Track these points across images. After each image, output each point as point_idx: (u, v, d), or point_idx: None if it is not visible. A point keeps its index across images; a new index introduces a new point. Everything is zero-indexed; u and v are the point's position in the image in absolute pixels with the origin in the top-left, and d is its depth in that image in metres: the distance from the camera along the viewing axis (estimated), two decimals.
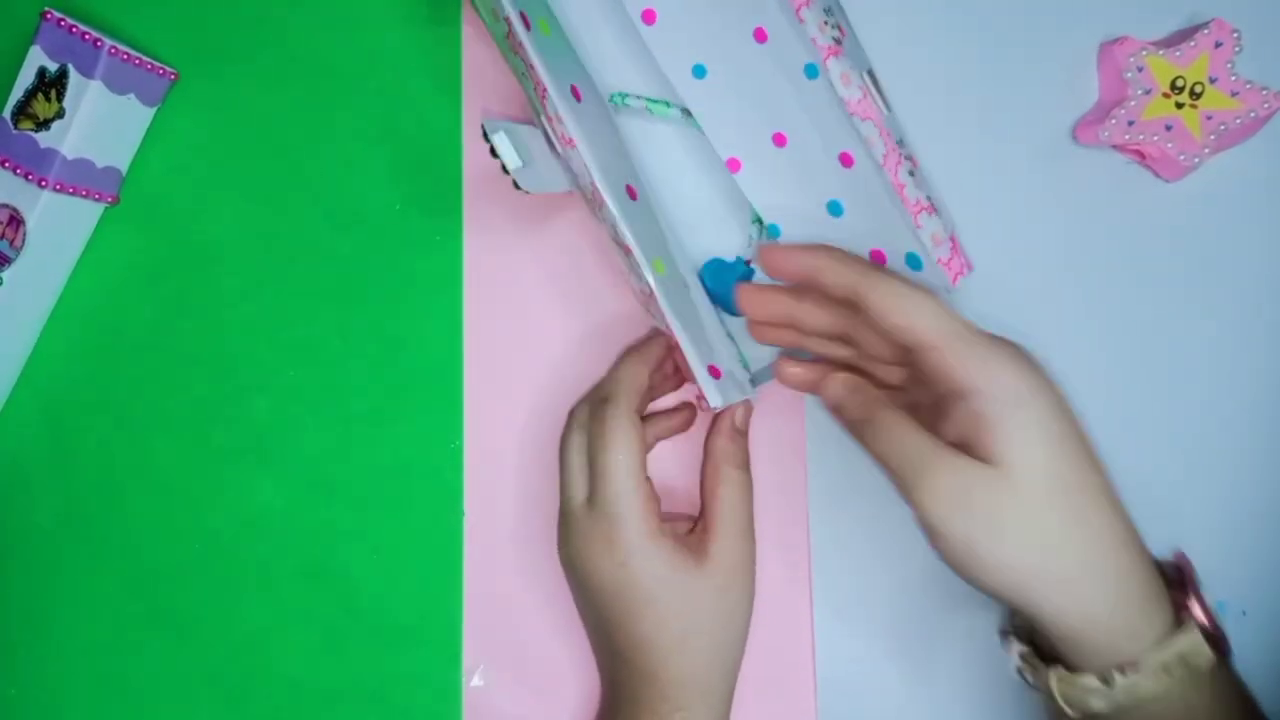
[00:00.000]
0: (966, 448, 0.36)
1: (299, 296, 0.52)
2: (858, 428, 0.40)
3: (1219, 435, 0.49)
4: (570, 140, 0.42)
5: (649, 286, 0.42)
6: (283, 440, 0.52)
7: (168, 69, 0.51)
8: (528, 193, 0.41)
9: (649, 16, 0.47)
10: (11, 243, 0.49)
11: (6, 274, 0.49)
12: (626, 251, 0.43)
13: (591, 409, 0.45)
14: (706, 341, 0.44)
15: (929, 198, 0.43)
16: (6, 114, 0.49)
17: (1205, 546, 0.48)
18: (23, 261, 0.49)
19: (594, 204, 0.44)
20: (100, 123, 0.49)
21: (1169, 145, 0.47)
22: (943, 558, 0.38)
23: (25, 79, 0.48)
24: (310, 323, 0.52)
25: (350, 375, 0.52)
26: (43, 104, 0.48)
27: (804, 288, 0.42)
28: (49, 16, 0.48)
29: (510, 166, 0.41)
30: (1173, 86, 0.47)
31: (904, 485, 0.37)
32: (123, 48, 0.49)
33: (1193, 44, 0.47)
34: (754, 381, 0.47)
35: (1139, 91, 0.47)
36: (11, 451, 0.52)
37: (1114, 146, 0.49)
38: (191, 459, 0.52)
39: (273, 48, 0.53)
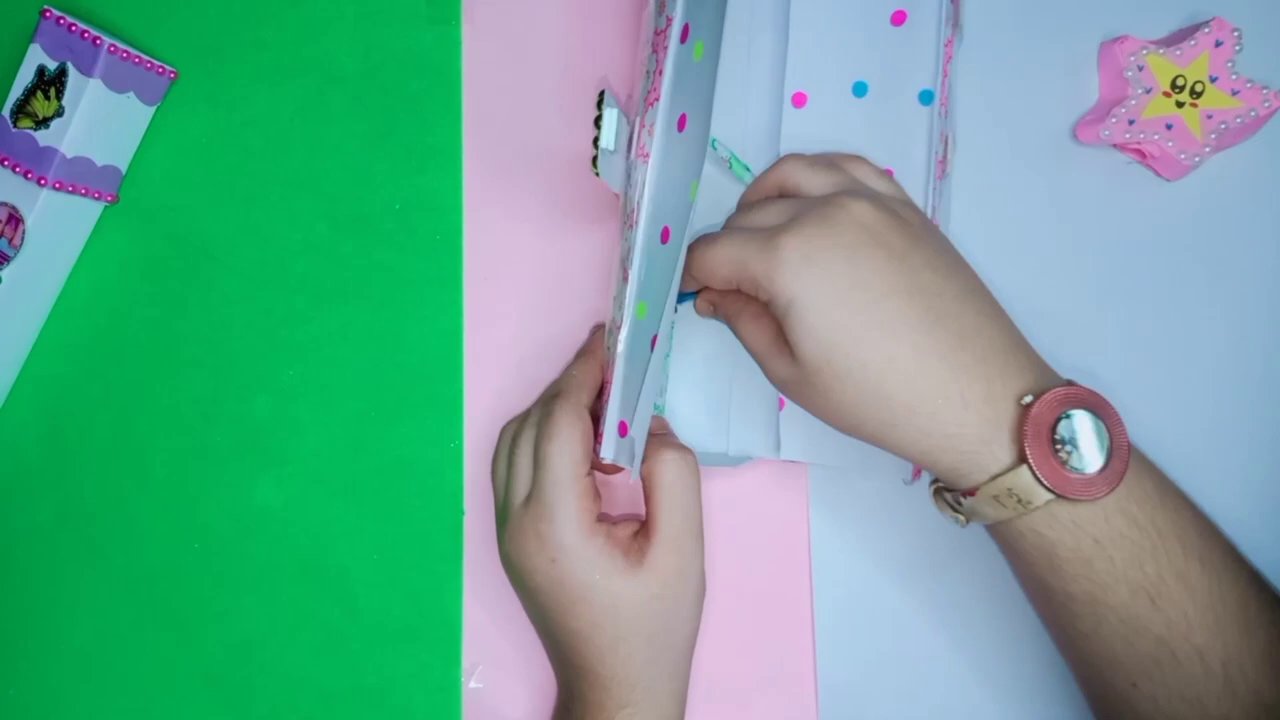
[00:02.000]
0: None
1: (299, 296, 0.52)
2: (731, 325, 0.44)
3: (1220, 434, 0.49)
4: (646, 155, 0.41)
5: (621, 320, 0.42)
6: (282, 440, 0.52)
7: (167, 67, 0.51)
8: (596, 175, 0.41)
9: (799, 100, 0.48)
10: (10, 241, 0.49)
11: (5, 273, 0.49)
12: (624, 279, 0.42)
13: (542, 404, 0.45)
14: (634, 401, 0.43)
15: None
16: (5, 112, 0.49)
17: None
18: (22, 260, 0.49)
19: (626, 220, 0.43)
20: (100, 121, 0.49)
21: (1169, 144, 0.47)
22: None
23: (24, 77, 0.48)
24: (310, 322, 0.52)
25: (350, 375, 0.52)
26: (42, 102, 0.48)
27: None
28: (48, 14, 0.48)
29: (602, 145, 0.41)
30: (1173, 85, 0.47)
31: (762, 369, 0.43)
32: (122, 46, 0.49)
33: (1193, 43, 0.47)
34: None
35: (1139, 90, 0.47)
36: (11, 450, 0.52)
37: (1114, 145, 0.49)
38: (191, 458, 0.52)
39: (272, 47, 0.53)
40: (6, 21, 0.52)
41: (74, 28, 0.48)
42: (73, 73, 0.48)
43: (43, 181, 0.48)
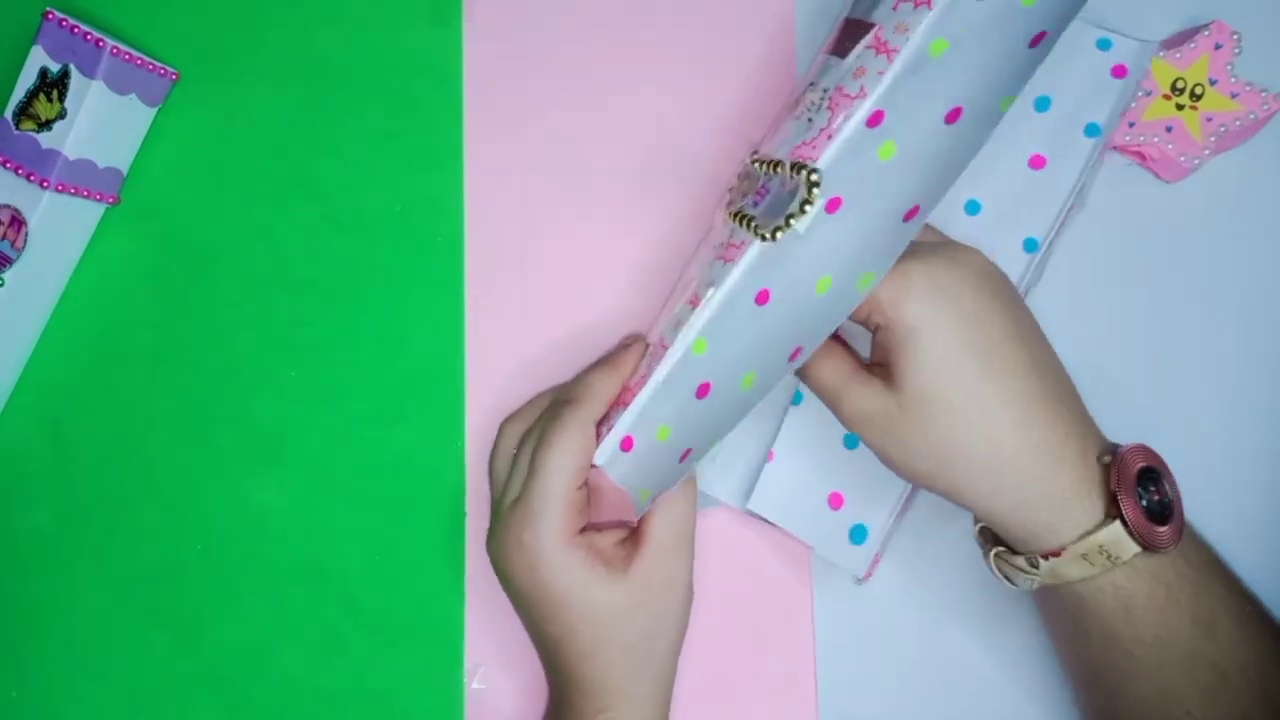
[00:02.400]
0: (883, 372, 0.39)
1: (299, 296, 0.52)
2: (803, 368, 0.42)
3: (1220, 434, 0.49)
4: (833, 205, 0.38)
5: (671, 342, 0.41)
6: (283, 440, 0.52)
7: (169, 69, 0.51)
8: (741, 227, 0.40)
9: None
10: (13, 243, 0.49)
11: (8, 274, 0.49)
12: (693, 304, 0.40)
13: (551, 406, 0.44)
14: (651, 429, 0.42)
15: None
16: (8, 114, 0.49)
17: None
18: (24, 262, 0.49)
19: (723, 252, 0.41)
20: (102, 123, 0.49)
21: (1169, 147, 0.47)
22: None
23: (27, 79, 0.49)
24: (310, 323, 0.52)
25: (351, 375, 0.52)
26: (44, 104, 0.48)
27: None
28: (50, 16, 0.48)
29: (795, 228, 0.38)
30: (1173, 88, 0.47)
31: (830, 406, 0.41)
32: (124, 48, 0.49)
33: (1193, 46, 0.47)
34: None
35: (1139, 93, 0.47)
36: (12, 451, 0.52)
37: (1114, 148, 0.49)
38: (192, 459, 0.52)
39: (274, 48, 0.53)
40: (8, 23, 0.52)
41: (76, 30, 0.48)
42: (75, 75, 0.48)
43: (45, 183, 0.48)
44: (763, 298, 0.40)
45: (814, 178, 0.38)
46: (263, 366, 0.52)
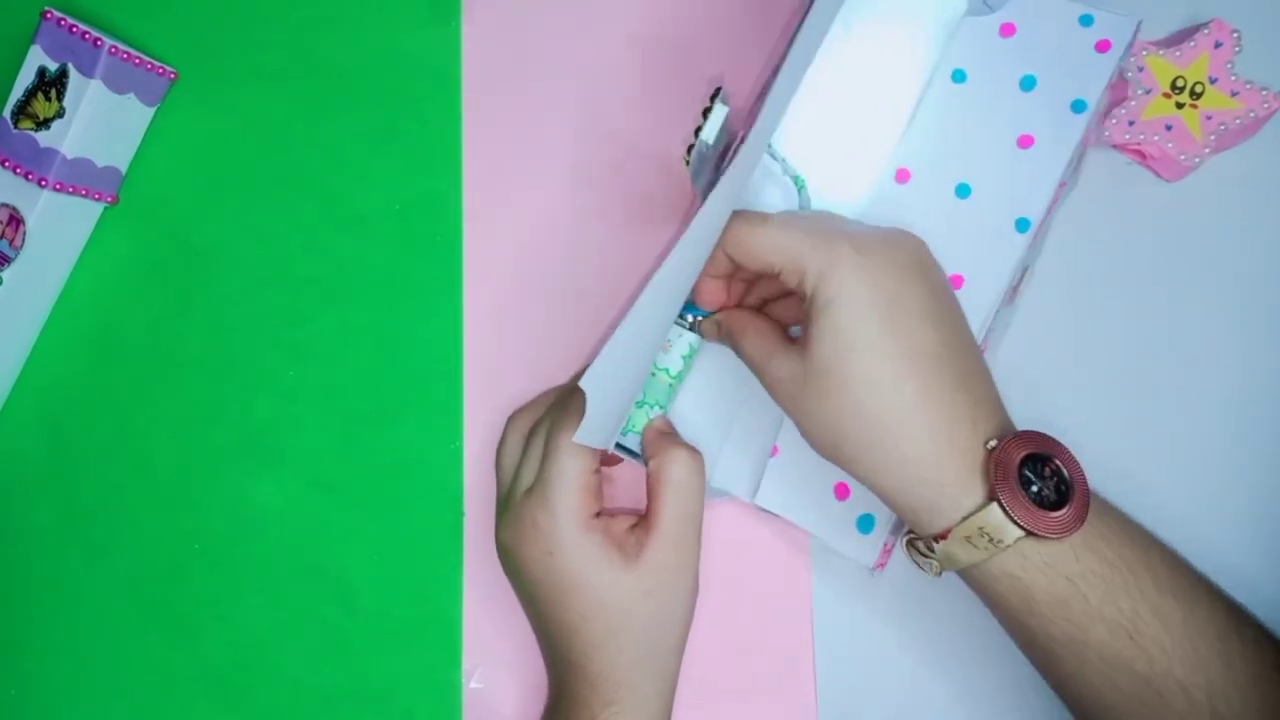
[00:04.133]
0: (801, 343, 0.40)
1: (299, 297, 0.52)
2: (733, 341, 0.43)
3: (1220, 434, 0.49)
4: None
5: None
6: (282, 440, 0.52)
7: (168, 68, 0.51)
8: (685, 164, 0.41)
9: (902, 175, 0.46)
10: (11, 242, 0.49)
11: (6, 273, 0.49)
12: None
13: (561, 395, 0.45)
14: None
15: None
16: (6, 113, 0.49)
17: (1207, 545, 0.48)
18: (22, 261, 0.49)
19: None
20: (100, 122, 0.49)
21: (1169, 145, 0.47)
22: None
23: (25, 78, 0.49)
24: (310, 323, 0.52)
25: (350, 375, 0.52)
26: (43, 103, 0.48)
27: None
28: (49, 16, 0.48)
29: (703, 137, 0.41)
30: (1173, 86, 0.47)
31: (756, 375, 0.42)
32: (123, 47, 0.49)
33: (1193, 44, 0.47)
34: (620, 446, 0.46)
35: (1139, 91, 0.47)
36: (11, 451, 0.52)
37: (1114, 146, 0.48)
38: (191, 459, 0.52)
39: (273, 48, 0.53)
40: (7, 23, 0.52)
41: (74, 29, 0.48)
42: (73, 74, 0.48)
43: (43, 182, 0.48)
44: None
45: (721, 94, 0.40)
46: (261, 366, 0.52)
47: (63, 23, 0.48)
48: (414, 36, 0.52)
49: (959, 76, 0.46)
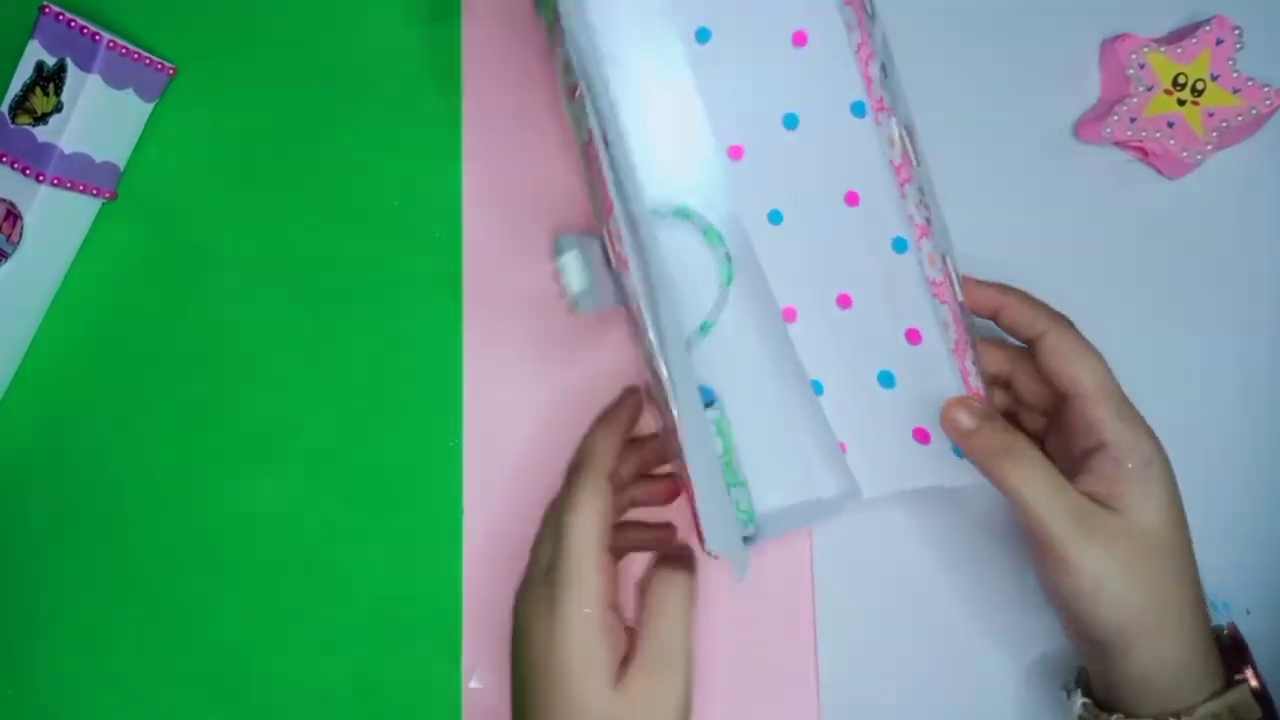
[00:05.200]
0: (1097, 498, 0.40)
1: (298, 294, 0.52)
2: (992, 458, 0.41)
3: (1221, 433, 0.49)
4: (625, 260, 0.39)
5: (675, 421, 0.40)
6: (281, 439, 0.51)
7: (166, 64, 0.51)
8: (578, 308, 0.40)
9: (736, 152, 0.46)
10: (9, 238, 0.48)
11: (4, 269, 0.49)
12: (658, 380, 0.41)
13: (566, 475, 0.44)
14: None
15: (984, 389, 0.43)
16: (4, 108, 0.48)
17: (1208, 546, 0.48)
18: (20, 257, 0.49)
19: (636, 326, 0.41)
20: (98, 118, 0.49)
21: (1171, 142, 0.47)
22: (1056, 592, 0.40)
23: (23, 73, 0.48)
24: (310, 321, 0.52)
25: (350, 374, 0.51)
26: (41, 98, 0.48)
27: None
28: (47, 10, 0.48)
29: (574, 289, 0.40)
30: (1174, 83, 0.47)
31: (1042, 520, 0.39)
32: (121, 42, 0.48)
33: (1194, 41, 0.47)
34: (749, 539, 0.45)
35: (1141, 88, 0.47)
36: (8, 449, 0.52)
37: (1116, 143, 0.49)
38: (189, 457, 0.51)
39: (272, 44, 0.53)
40: (5, 17, 0.52)
41: (73, 24, 0.47)
42: (72, 69, 0.48)
43: (41, 178, 0.48)
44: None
45: (559, 242, 0.41)
46: (260, 364, 0.52)
47: (61, 17, 0.48)
48: (415, 33, 0.52)
49: (703, 35, 0.45)
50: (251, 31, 0.53)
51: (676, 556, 0.43)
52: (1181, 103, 0.47)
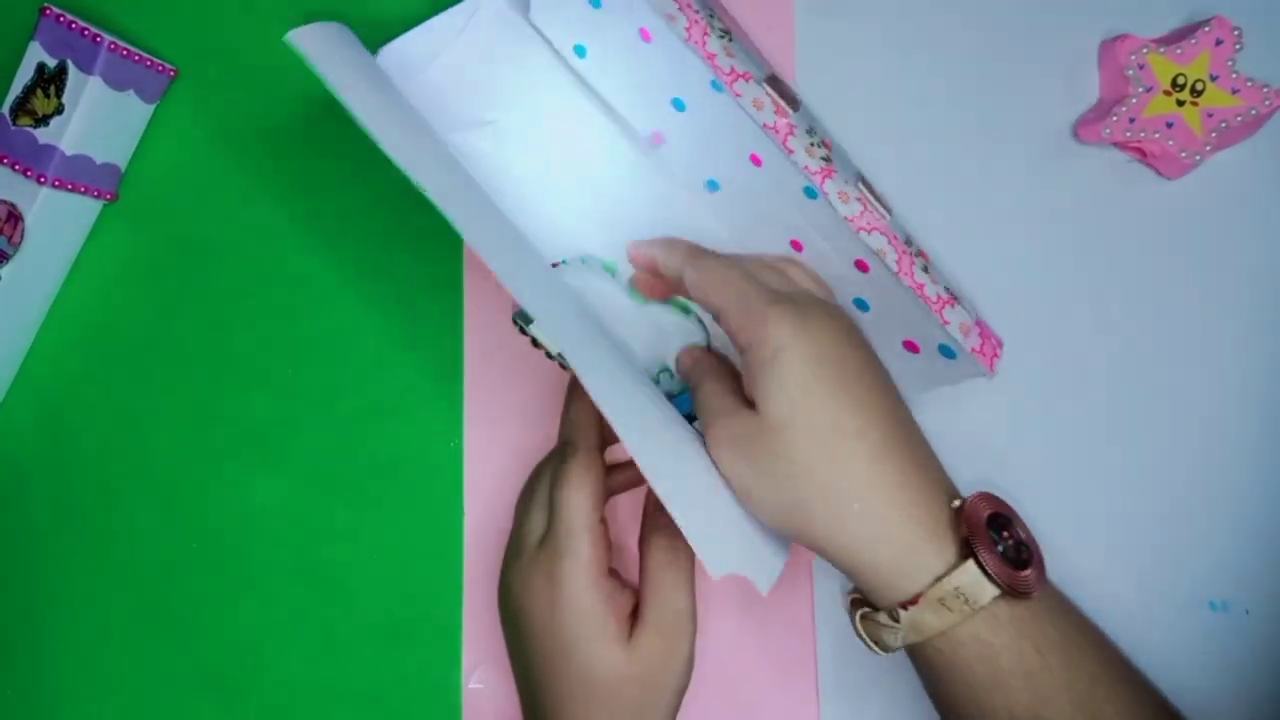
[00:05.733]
0: (752, 401, 0.39)
1: (298, 295, 0.52)
2: (694, 386, 0.43)
3: (1221, 433, 0.49)
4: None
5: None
6: (281, 439, 0.51)
7: (167, 65, 0.51)
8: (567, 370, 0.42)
9: (658, 138, 0.47)
10: (10, 239, 0.49)
11: (5, 270, 0.49)
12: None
13: (558, 450, 0.45)
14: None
15: (948, 289, 0.44)
16: (5, 110, 0.49)
17: (1208, 546, 0.49)
18: (21, 258, 0.49)
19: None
20: (99, 119, 0.49)
21: (1170, 143, 0.47)
22: (740, 505, 0.40)
23: (24, 75, 0.48)
24: (309, 321, 0.52)
25: (350, 374, 0.51)
26: (42, 100, 0.48)
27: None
28: (48, 12, 0.48)
29: (554, 352, 0.41)
30: (1174, 84, 0.47)
31: (705, 429, 0.40)
32: (122, 44, 0.48)
33: (1194, 41, 0.47)
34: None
35: (1140, 89, 0.47)
36: (9, 449, 0.52)
37: (1115, 144, 0.49)
38: (190, 457, 0.51)
39: (272, 45, 0.52)
40: (6, 19, 0.52)
41: (74, 25, 0.48)
42: (73, 70, 0.48)
43: (42, 179, 0.48)
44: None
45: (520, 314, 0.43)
46: (260, 364, 0.52)
47: (62, 19, 0.48)
48: None
49: (580, 51, 0.47)
50: (252, 33, 0.53)
51: (664, 522, 0.43)
52: (1181, 103, 0.47)
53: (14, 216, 0.48)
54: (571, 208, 0.48)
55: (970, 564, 0.35)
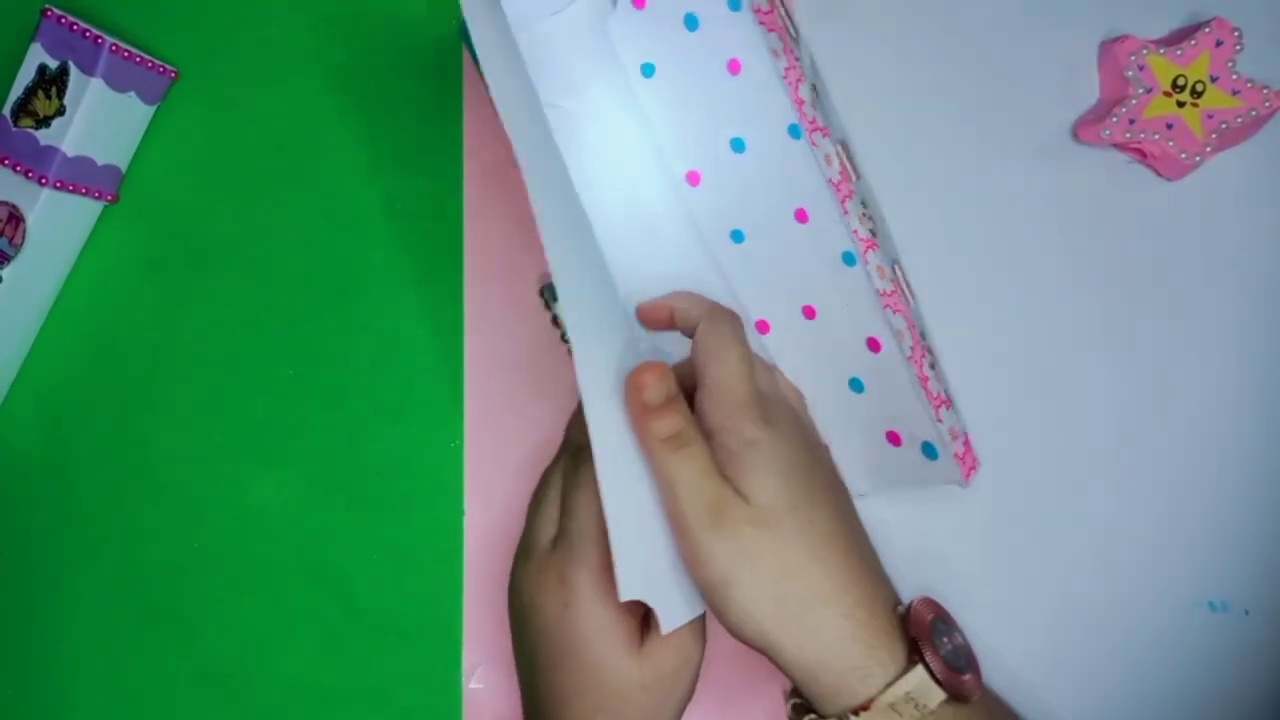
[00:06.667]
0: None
1: (299, 295, 0.52)
2: (658, 442, 0.39)
3: (1220, 433, 0.49)
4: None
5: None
6: (282, 439, 0.51)
7: (168, 67, 0.51)
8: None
9: (693, 178, 0.47)
10: (11, 240, 0.49)
11: (6, 271, 0.49)
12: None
13: (567, 451, 0.45)
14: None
15: (947, 392, 0.45)
16: (7, 111, 0.49)
17: (1208, 546, 0.49)
18: (22, 259, 0.49)
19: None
20: (100, 120, 0.49)
21: (1170, 144, 0.47)
22: (697, 587, 0.39)
23: (26, 76, 0.48)
24: (310, 322, 0.52)
25: (350, 374, 0.52)
26: (43, 101, 0.48)
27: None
28: (50, 14, 0.48)
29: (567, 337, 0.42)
30: (1174, 85, 0.47)
31: (681, 510, 0.38)
32: (123, 45, 0.49)
33: (1194, 42, 0.47)
34: None
35: (1140, 90, 0.47)
36: (10, 450, 0.52)
37: (1115, 145, 0.48)
38: (191, 458, 0.52)
39: (273, 46, 0.53)
40: (8, 20, 0.52)
41: (75, 27, 0.48)
42: (74, 72, 0.48)
43: (43, 180, 0.48)
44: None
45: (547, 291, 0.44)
46: (261, 365, 0.52)
47: (63, 20, 0.48)
48: (415, 35, 0.52)
49: (648, 70, 0.46)
50: (253, 34, 0.53)
51: None
52: (1181, 104, 0.47)
53: (15, 218, 0.49)
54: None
55: (919, 669, 0.37)
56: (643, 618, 0.42)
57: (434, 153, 0.52)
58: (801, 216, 0.44)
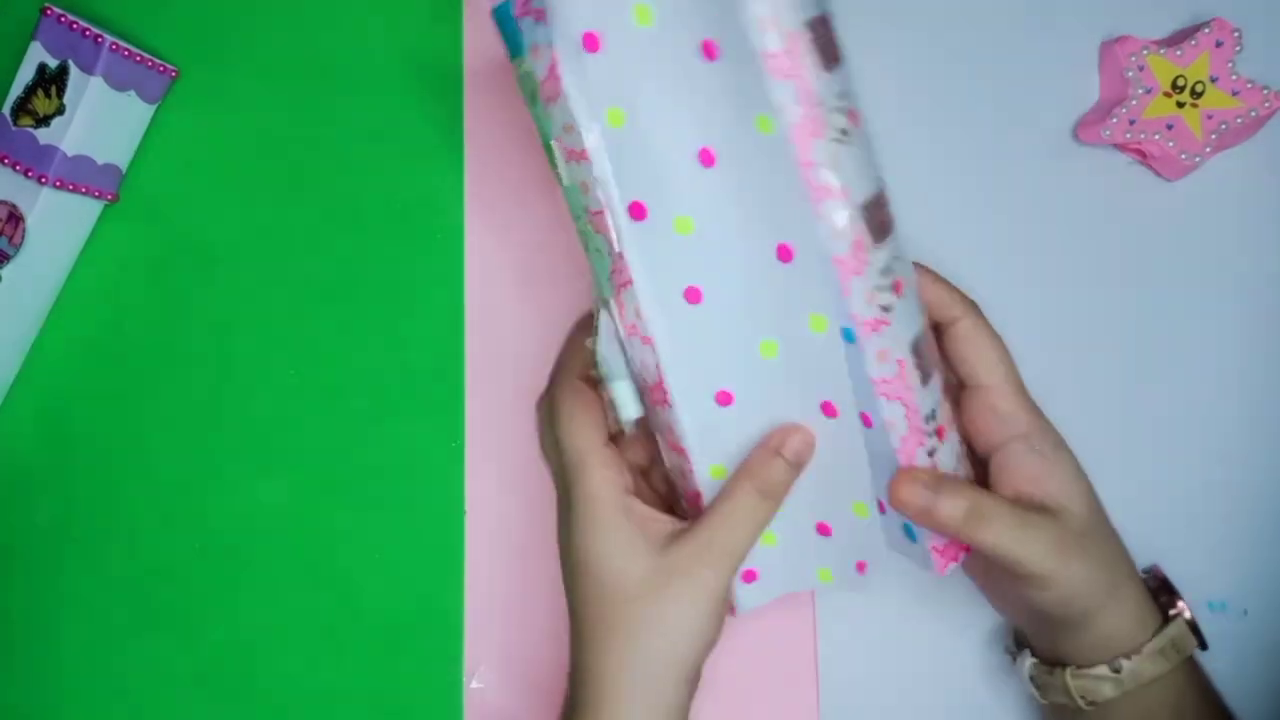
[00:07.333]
0: (1024, 498, 0.40)
1: (299, 295, 0.52)
2: (960, 526, 0.38)
3: (1220, 434, 0.49)
4: (648, 339, 0.38)
5: (697, 488, 0.41)
6: (283, 440, 0.51)
7: (168, 66, 0.51)
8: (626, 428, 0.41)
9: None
10: (11, 240, 0.49)
11: (6, 271, 0.49)
12: (678, 453, 0.40)
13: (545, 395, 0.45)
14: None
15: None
16: (6, 110, 0.49)
17: (1206, 546, 0.49)
18: (22, 259, 0.49)
19: (650, 398, 0.40)
20: (100, 119, 0.49)
21: (1170, 144, 0.47)
22: (1027, 603, 0.41)
23: (25, 75, 0.48)
24: (311, 322, 0.52)
25: (351, 375, 0.51)
26: (43, 100, 0.48)
27: None
28: (50, 12, 0.48)
29: (625, 417, 0.41)
30: (1174, 85, 0.47)
31: (1020, 560, 0.39)
32: (123, 44, 0.48)
33: (1194, 43, 0.47)
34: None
35: (1140, 90, 0.47)
36: (10, 450, 0.52)
37: (1115, 145, 0.49)
38: (191, 458, 0.51)
39: (273, 45, 0.53)
40: (7, 19, 0.52)
41: (75, 25, 0.48)
42: (74, 71, 0.48)
43: (43, 180, 0.48)
44: (724, 399, 0.40)
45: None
46: (261, 365, 0.52)
47: (63, 19, 0.48)
48: (416, 33, 0.52)
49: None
50: (253, 33, 0.53)
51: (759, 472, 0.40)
52: (1180, 105, 0.47)
53: (15, 217, 0.48)
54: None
55: (1181, 618, 0.42)
56: (669, 534, 0.40)
57: (434, 152, 0.52)
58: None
